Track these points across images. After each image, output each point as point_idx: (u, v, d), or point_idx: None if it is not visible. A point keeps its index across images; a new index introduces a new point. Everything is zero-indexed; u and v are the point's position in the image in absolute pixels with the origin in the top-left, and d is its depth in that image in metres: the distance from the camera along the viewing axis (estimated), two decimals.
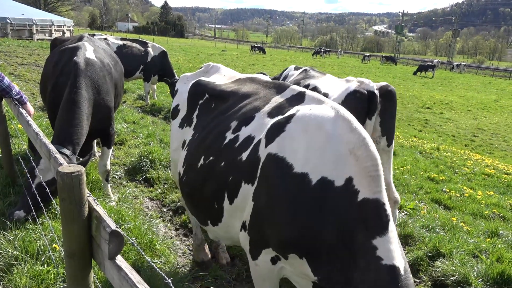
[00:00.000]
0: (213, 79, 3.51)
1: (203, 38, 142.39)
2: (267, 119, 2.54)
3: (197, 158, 2.90)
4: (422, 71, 40.59)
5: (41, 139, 3.17)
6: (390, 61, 58.02)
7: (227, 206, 2.61)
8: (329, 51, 73.97)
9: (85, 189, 1.91)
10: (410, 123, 14.24)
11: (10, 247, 3.51)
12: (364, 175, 2.00)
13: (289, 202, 2.15)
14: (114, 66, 5.22)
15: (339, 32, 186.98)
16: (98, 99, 4.55)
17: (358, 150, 2.06)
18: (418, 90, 25.32)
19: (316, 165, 2.11)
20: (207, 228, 3.02)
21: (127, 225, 4.22)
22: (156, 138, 7.88)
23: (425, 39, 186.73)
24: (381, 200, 1.97)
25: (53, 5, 74.42)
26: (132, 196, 5.46)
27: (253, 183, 2.38)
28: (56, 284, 3.24)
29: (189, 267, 3.99)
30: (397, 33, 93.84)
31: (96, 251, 1.95)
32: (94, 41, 5.42)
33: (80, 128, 4.14)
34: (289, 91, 2.70)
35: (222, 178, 2.61)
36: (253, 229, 2.40)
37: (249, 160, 2.46)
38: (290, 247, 2.20)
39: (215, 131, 2.85)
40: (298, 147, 2.20)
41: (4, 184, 4.86)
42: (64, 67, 4.54)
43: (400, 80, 32.03)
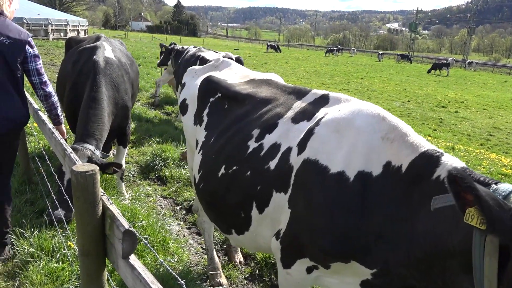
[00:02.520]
0: (225, 75, 3.44)
1: (215, 37, 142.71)
2: (291, 125, 2.49)
3: (216, 166, 2.82)
4: (436, 69, 40.07)
5: (56, 138, 3.20)
6: (405, 59, 57.41)
7: (256, 216, 2.54)
8: (342, 49, 73.51)
9: (99, 188, 1.92)
10: (425, 122, 14.07)
11: (26, 244, 3.56)
12: (403, 147, 1.95)
13: (329, 206, 2.07)
14: (130, 66, 5.26)
15: (352, 30, 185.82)
16: (117, 97, 4.60)
17: (390, 133, 2.02)
18: (432, 89, 25.01)
19: (350, 161, 2.05)
20: (230, 236, 2.94)
21: (140, 224, 4.24)
22: (169, 137, 7.91)
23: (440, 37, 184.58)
24: (425, 151, 1.89)
25: (68, 5, 75.42)
26: (145, 194, 5.49)
27: (286, 191, 2.32)
28: (71, 281, 3.27)
29: (202, 266, 3.99)
30: (411, 31, 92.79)
31: (110, 250, 1.95)
32: (111, 41, 5.47)
33: (101, 124, 4.19)
34: (311, 95, 2.65)
35: (249, 188, 2.54)
36: (289, 237, 2.31)
37: (278, 169, 2.39)
38: (334, 256, 2.11)
39: (236, 140, 2.76)
40: (331, 148, 2.16)
41: (20, 182, 4.93)
42: (84, 67, 4.60)
43: (414, 79, 31.68)
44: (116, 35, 46.33)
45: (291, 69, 29.05)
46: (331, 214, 2.06)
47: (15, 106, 3.40)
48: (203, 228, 3.87)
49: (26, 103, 3.57)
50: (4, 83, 3.32)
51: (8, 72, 3.32)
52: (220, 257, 4.15)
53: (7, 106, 3.34)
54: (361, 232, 1.97)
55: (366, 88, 21.69)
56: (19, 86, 3.46)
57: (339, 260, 2.10)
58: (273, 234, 2.44)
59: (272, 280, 3.87)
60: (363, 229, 1.96)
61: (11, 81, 3.36)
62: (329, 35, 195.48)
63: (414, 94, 21.16)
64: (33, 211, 4.36)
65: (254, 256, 4.19)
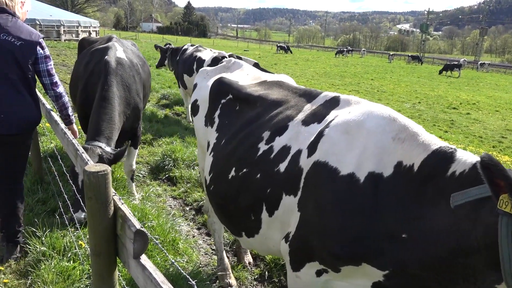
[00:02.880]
0: (236, 77, 3.43)
1: (225, 38, 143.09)
2: (302, 127, 2.48)
3: (227, 168, 2.82)
4: (447, 71, 39.69)
5: (68, 138, 3.23)
6: (416, 61, 56.95)
7: (266, 218, 2.54)
8: (352, 50, 73.19)
9: (110, 188, 1.94)
10: (436, 123, 13.95)
11: (38, 243, 3.60)
12: (414, 146, 1.94)
13: (339, 208, 2.04)
14: (142, 67, 5.27)
15: (363, 31, 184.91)
16: (128, 97, 4.63)
17: (401, 133, 2.02)
18: (443, 90, 24.77)
19: (361, 163, 2.04)
20: (241, 239, 2.94)
21: (150, 224, 4.27)
22: (179, 138, 7.95)
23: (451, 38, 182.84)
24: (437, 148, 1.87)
25: (80, 7, 76.19)
26: (155, 194, 5.52)
27: (296, 194, 2.30)
28: (82, 280, 3.30)
29: (211, 266, 4.00)
30: (422, 32, 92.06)
31: (121, 249, 1.97)
32: (123, 42, 5.51)
33: (112, 123, 4.22)
34: (322, 97, 2.64)
35: (259, 191, 2.54)
36: (298, 240, 2.30)
37: (288, 171, 2.38)
38: (345, 260, 2.08)
39: (247, 142, 2.76)
40: (341, 150, 2.15)
41: (32, 181, 4.99)
42: (95, 67, 4.64)
43: (425, 80, 31.42)
44: (127, 36, 46.67)
45: (300, 70, 29.00)
46: (341, 216, 2.04)
47: (27, 107, 3.44)
48: (213, 229, 3.88)
49: (38, 104, 3.61)
50: (16, 83, 3.36)
51: (19, 72, 3.37)
52: (229, 258, 4.15)
53: (19, 106, 3.39)
54: (372, 233, 1.95)
55: (376, 89, 21.56)
56: (31, 86, 3.51)
57: (350, 264, 2.08)
58: (283, 237, 2.44)
59: (281, 281, 3.87)
60: (375, 230, 1.94)
61: (22, 82, 3.40)
62: (339, 36, 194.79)
63: (425, 96, 20.98)
64: (45, 210, 4.41)
65: (263, 257, 4.19)
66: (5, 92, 3.32)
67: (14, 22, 3.37)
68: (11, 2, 3.43)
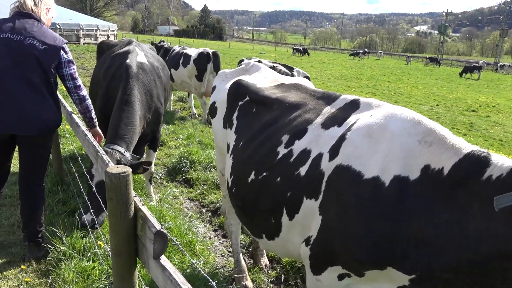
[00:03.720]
0: (254, 79, 3.44)
1: (241, 40, 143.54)
2: (321, 131, 2.46)
3: (246, 172, 2.83)
4: (467, 73, 39.09)
5: (88, 140, 3.29)
6: (434, 63, 56.23)
7: (286, 222, 2.53)
8: (368, 52, 72.64)
9: (131, 190, 1.97)
10: (454, 126, 13.74)
11: (58, 243, 3.67)
12: (443, 150, 1.91)
13: (363, 212, 2.02)
14: (162, 70, 5.26)
15: (379, 33, 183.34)
16: (149, 102, 4.61)
17: (428, 136, 1.98)
18: (462, 92, 24.39)
19: (385, 166, 2.01)
20: (261, 241, 2.95)
21: (167, 225, 4.31)
22: (195, 140, 8.01)
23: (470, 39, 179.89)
24: (470, 152, 1.84)
25: (98, 11, 77.52)
26: (172, 196, 5.57)
27: (317, 198, 2.29)
28: (101, 280, 3.34)
29: (228, 268, 4.02)
30: (440, 34, 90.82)
31: (141, 250, 1.99)
32: (142, 46, 5.53)
33: (132, 127, 4.19)
34: (341, 100, 2.62)
35: (279, 194, 2.54)
36: (319, 244, 2.28)
37: (309, 175, 2.37)
38: (369, 264, 2.06)
39: (265, 146, 2.76)
40: (364, 153, 2.12)
41: (53, 182, 5.09)
42: (116, 71, 4.63)
43: (444, 82, 30.98)
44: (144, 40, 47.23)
45: (316, 73, 28.89)
46: (365, 220, 2.01)
47: (48, 109, 3.53)
48: (230, 231, 3.90)
49: (59, 107, 3.70)
50: (39, 86, 3.45)
51: (43, 76, 3.46)
52: (245, 260, 4.16)
53: (41, 108, 3.47)
54: (399, 238, 1.92)
55: (393, 92, 21.35)
56: (53, 90, 3.60)
57: (374, 268, 2.05)
58: (303, 240, 2.42)
59: (297, 284, 3.86)
60: (401, 234, 1.91)
61: (45, 85, 3.49)
62: (355, 38, 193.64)
63: (443, 98, 20.68)
64: (65, 211, 4.50)
65: (279, 260, 4.19)
66: (28, 94, 3.41)
67: (40, 27, 3.49)
68: (37, 8, 3.55)
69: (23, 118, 3.40)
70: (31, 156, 3.61)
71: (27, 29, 3.41)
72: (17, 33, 3.38)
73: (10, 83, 3.35)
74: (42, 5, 3.60)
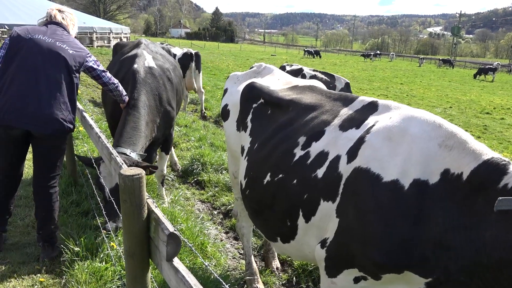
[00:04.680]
0: (267, 82, 3.44)
1: (252, 42, 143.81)
2: (339, 133, 2.45)
3: (262, 174, 2.82)
4: (481, 74, 38.60)
5: (102, 141, 3.32)
6: (447, 64, 55.65)
7: (302, 224, 2.51)
8: (380, 54, 72.17)
9: (144, 192, 1.98)
10: (468, 129, 13.57)
11: (72, 244, 3.71)
12: (464, 154, 1.89)
13: (382, 215, 2.00)
14: (173, 71, 5.23)
15: (391, 34, 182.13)
16: (158, 107, 4.58)
17: (449, 140, 1.97)
18: (476, 95, 24.09)
19: (405, 169, 2.00)
20: (275, 244, 2.93)
21: (179, 227, 4.33)
22: (207, 142, 8.03)
23: (484, 41, 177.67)
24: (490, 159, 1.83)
25: (111, 14, 78.40)
26: (184, 198, 5.60)
27: (335, 200, 2.28)
28: (114, 281, 3.36)
29: (239, 271, 4.02)
30: (453, 35, 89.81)
31: (154, 252, 2.01)
32: (151, 47, 5.49)
33: (137, 131, 4.18)
34: (359, 102, 2.59)
35: (295, 196, 2.52)
36: (336, 247, 2.26)
37: (326, 177, 2.35)
38: (387, 268, 2.05)
39: (281, 147, 2.75)
40: (384, 156, 2.11)
41: (67, 183, 5.15)
42: (124, 77, 4.61)
43: (457, 84, 30.63)
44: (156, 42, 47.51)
45: None
46: (384, 224, 2.00)
47: (66, 110, 3.61)
48: (242, 233, 3.90)
49: (75, 112, 3.78)
50: (63, 87, 3.57)
51: (68, 78, 3.60)
52: (257, 262, 4.16)
53: (60, 108, 3.55)
54: (417, 241, 1.91)
55: (405, 94, 21.18)
56: (74, 93, 3.73)
57: (392, 272, 2.04)
58: (318, 242, 2.41)
59: (309, 287, 3.84)
60: (420, 238, 1.90)
61: (68, 87, 3.62)
62: (367, 40, 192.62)
63: (456, 100, 20.45)
64: (79, 212, 4.54)
65: (291, 263, 4.18)
66: (51, 93, 3.51)
67: (68, 36, 3.78)
68: (64, 21, 3.86)
69: (41, 116, 3.48)
70: (46, 158, 3.67)
71: (58, 34, 3.67)
72: (49, 36, 3.61)
73: (37, 81, 3.47)
74: (69, 20, 3.90)
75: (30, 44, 3.51)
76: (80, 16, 37.06)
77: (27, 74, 3.46)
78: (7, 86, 3.44)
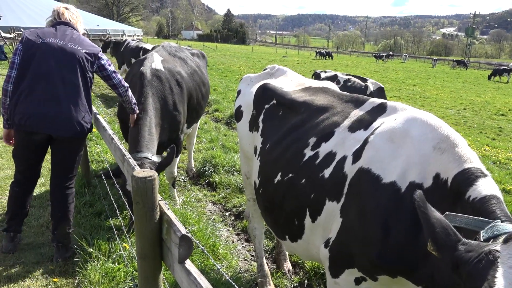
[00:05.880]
0: (280, 83, 3.46)
1: (264, 44, 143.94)
2: (348, 134, 2.48)
3: (273, 173, 2.86)
4: (496, 75, 38.05)
5: (115, 143, 3.35)
6: (461, 65, 54.98)
7: (309, 224, 2.55)
8: (393, 55, 71.63)
9: (157, 194, 1.99)
10: (482, 130, 13.37)
11: (85, 245, 3.74)
12: (451, 159, 1.87)
13: (379, 216, 2.02)
14: (190, 75, 5.17)
15: (404, 35, 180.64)
16: (164, 110, 4.54)
17: (442, 143, 1.95)
18: (491, 96, 23.74)
19: (402, 171, 2.00)
20: (284, 243, 2.97)
21: (191, 228, 4.34)
22: (218, 143, 8.05)
23: (499, 42, 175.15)
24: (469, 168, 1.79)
25: (124, 16, 79.20)
26: (195, 199, 5.61)
27: (339, 200, 2.30)
28: (126, 282, 3.39)
29: (250, 273, 4.01)
30: (467, 36, 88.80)
31: (166, 253, 2.01)
32: (170, 50, 5.45)
33: (151, 134, 4.19)
34: (369, 104, 2.62)
35: (303, 196, 2.56)
36: (338, 246, 2.29)
37: (333, 177, 2.38)
38: (381, 268, 2.06)
39: (292, 147, 2.78)
40: (384, 157, 2.12)
41: (80, 184, 5.20)
42: (133, 78, 4.65)
43: (471, 85, 30.24)
44: None
45: None
46: (380, 225, 2.01)
47: (84, 112, 3.66)
48: (253, 235, 3.90)
49: (92, 110, 3.83)
50: (78, 89, 3.62)
51: (82, 80, 3.64)
52: (268, 264, 4.15)
53: (78, 111, 3.60)
54: (409, 246, 1.90)
55: (418, 95, 20.97)
56: (89, 93, 3.78)
57: (386, 274, 2.06)
58: (323, 242, 2.43)
59: None
60: (412, 243, 1.89)
61: (84, 88, 3.67)
62: (379, 41, 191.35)
63: (470, 102, 20.19)
64: (92, 213, 4.58)
65: (303, 265, 4.16)
66: (68, 97, 3.56)
67: (78, 35, 3.76)
68: (73, 19, 3.86)
69: (62, 120, 3.54)
70: (65, 159, 3.73)
71: (68, 35, 3.67)
72: (60, 39, 3.62)
73: (54, 85, 3.51)
74: (75, 17, 3.90)
75: (42, 49, 3.53)
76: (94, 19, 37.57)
77: (44, 80, 3.50)
78: (26, 93, 3.49)
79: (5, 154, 6.24)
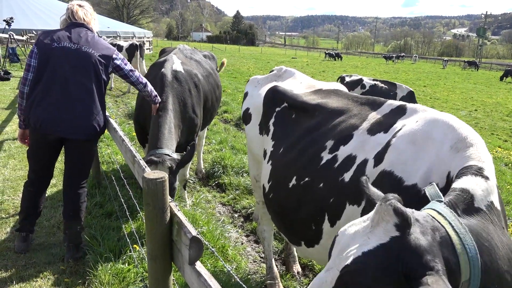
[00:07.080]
0: (289, 85, 3.44)
1: (273, 45, 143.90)
2: (367, 137, 2.44)
3: (287, 177, 2.82)
4: (508, 76, 37.61)
5: (126, 145, 3.37)
6: (473, 66, 54.42)
7: (327, 229, 2.51)
8: (403, 56, 71.17)
9: (167, 195, 2.00)
10: (494, 132, 13.22)
11: (95, 245, 3.77)
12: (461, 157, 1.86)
13: None
14: (206, 78, 5.18)
15: (414, 36, 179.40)
16: (183, 112, 4.57)
17: (459, 143, 1.93)
18: (502, 97, 23.46)
19: (424, 173, 1.99)
20: (299, 248, 2.92)
21: (200, 229, 4.35)
22: (228, 145, 8.06)
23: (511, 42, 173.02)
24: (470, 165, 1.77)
25: (134, 18, 79.87)
26: (205, 201, 5.62)
27: (360, 204, 2.27)
28: (136, 283, 3.40)
29: (260, 274, 4.01)
30: (479, 36, 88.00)
31: (176, 255, 2.02)
32: (186, 52, 5.46)
33: (171, 133, 4.20)
34: (387, 106, 2.58)
35: (322, 200, 2.52)
36: None
37: (354, 181, 2.35)
38: None
39: (308, 151, 2.74)
40: (406, 160, 2.10)
41: (91, 185, 5.23)
42: (153, 81, 4.62)
43: (482, 86, 29.92)
44: None
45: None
46: None
47: (98, 115, 3.71)
48: (263, 237, 3.89)
49: (105, 111, 3.87)
50: (92, 92, 3.66)
51: (96, 83, 3.68)
52: (278, 266, 4.14)
53: (92, 114, 3.66)
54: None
55: (429, 97, 20.80)
56: (103, 96, 3.82)
57: None
58: None
59: None
60: None
61: (98, 91, 3.71)
62: (389, 42, 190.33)
63: (482, 103, 19.97)
64: (102, 214, 4.62)
65: (312, 267, 4.15)
66: (83, 100, 3.61)
67: (93, 36, 3.78)
68: (87, 17, 3.87)
69: (76, 123, 3.60)
70: (78, 160, 3.78)
71: (82, 38, 3.68)
72: (74, 42, 3.64)
73: (68, 89, 3.56)
74: (89, 15, 3.91)
75: (57, 53, 3.57)
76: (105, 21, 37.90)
77: (59, 84, 3.55)
78: (41, 96, 3.55)
79: (17, 155, 6.32)
